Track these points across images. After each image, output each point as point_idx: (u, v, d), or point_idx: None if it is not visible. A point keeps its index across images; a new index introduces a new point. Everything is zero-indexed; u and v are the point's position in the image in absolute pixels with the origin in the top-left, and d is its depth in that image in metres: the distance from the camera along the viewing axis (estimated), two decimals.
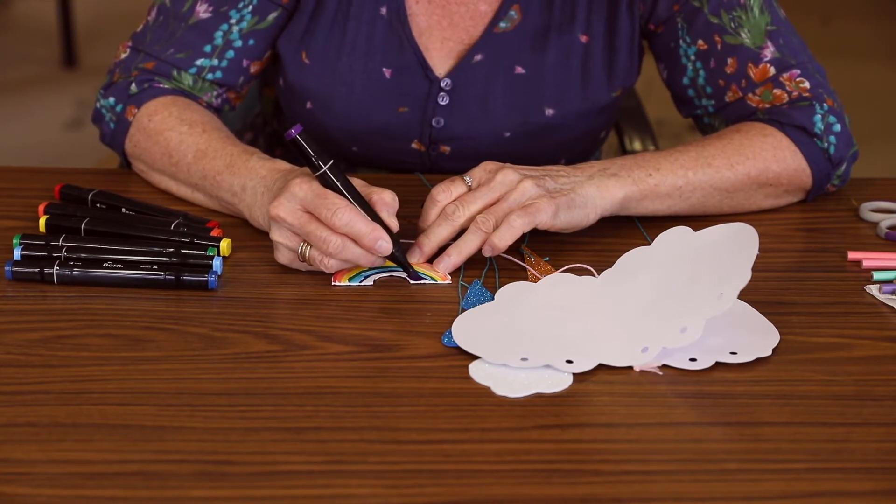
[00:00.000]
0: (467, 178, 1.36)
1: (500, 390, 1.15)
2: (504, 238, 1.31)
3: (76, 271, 1.30)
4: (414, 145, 1.59)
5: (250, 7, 1.53)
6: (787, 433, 1.10)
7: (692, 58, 1.53)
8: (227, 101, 1.57)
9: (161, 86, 1.53)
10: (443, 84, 1.55)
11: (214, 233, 1.38)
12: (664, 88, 1.60)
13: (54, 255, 1.32)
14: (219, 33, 1.53)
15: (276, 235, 1.31)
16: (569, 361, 1.18)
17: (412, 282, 1.32)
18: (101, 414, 1.10)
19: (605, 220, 1.42)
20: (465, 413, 1.12)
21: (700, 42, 1.52)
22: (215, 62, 1.53)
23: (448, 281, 1.32)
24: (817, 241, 1.42)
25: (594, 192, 1.37)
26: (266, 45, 1.56)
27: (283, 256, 1.32)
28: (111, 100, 1.53)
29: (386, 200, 1.31)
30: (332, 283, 1.31)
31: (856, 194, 1.51)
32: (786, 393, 1.15)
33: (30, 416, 1.10)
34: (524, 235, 1.38)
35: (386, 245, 1.28)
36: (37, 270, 1.30)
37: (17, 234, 1.35)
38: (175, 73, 1.53)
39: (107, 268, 1.30)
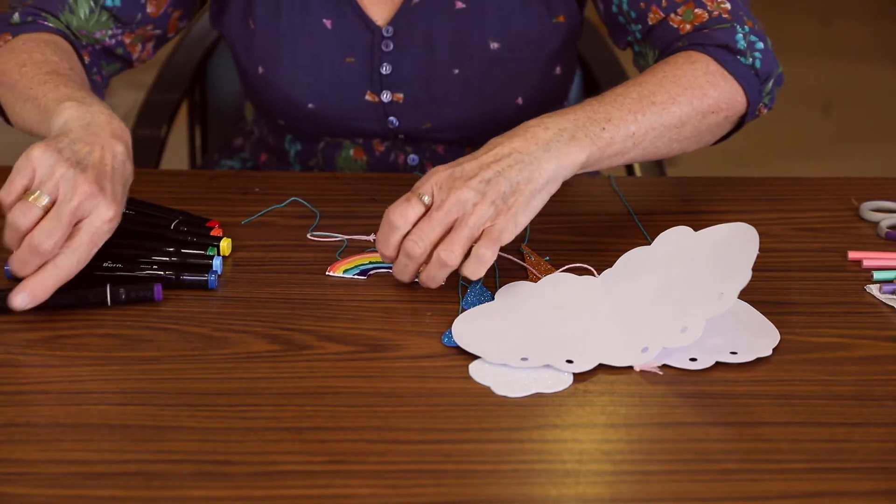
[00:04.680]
0: (425, 197, 1.28)
1: (500, 390, 1.15)
2: (477, 271, 1.26)
3: None
4: (368, 97, 1.60)
5: None
6: (787, 433, 1.10)
7: None
8: (122, 44, 1.56)
9: (45, 23, 1.51)
10: (384, 32, 1.58)
11: (214, 232, 1.38)
12: None
13: None
14: None
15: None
16: (569, 361, 1.18)
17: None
18: (101, 414, 1.10)
19: (605, 220, 1.42)
20: (465, 413, 1.12)
21: None
22: None
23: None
24: (817, 241, 1.42)
25: (553, 165, 1.30)
26: None
27: None
28: None
29: None
30: (327, 273, 1.32)
31: (856, 194, 1.51)
32: (786, 393, 1.15)
33: (30, 416, 1.10)
34: (525, 234, 1.39)
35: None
36: None
37: None
38: (67, 9, 1.51)
39: (107, 268, 1.30)
